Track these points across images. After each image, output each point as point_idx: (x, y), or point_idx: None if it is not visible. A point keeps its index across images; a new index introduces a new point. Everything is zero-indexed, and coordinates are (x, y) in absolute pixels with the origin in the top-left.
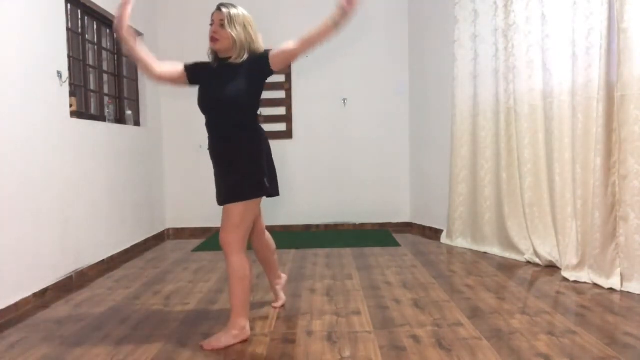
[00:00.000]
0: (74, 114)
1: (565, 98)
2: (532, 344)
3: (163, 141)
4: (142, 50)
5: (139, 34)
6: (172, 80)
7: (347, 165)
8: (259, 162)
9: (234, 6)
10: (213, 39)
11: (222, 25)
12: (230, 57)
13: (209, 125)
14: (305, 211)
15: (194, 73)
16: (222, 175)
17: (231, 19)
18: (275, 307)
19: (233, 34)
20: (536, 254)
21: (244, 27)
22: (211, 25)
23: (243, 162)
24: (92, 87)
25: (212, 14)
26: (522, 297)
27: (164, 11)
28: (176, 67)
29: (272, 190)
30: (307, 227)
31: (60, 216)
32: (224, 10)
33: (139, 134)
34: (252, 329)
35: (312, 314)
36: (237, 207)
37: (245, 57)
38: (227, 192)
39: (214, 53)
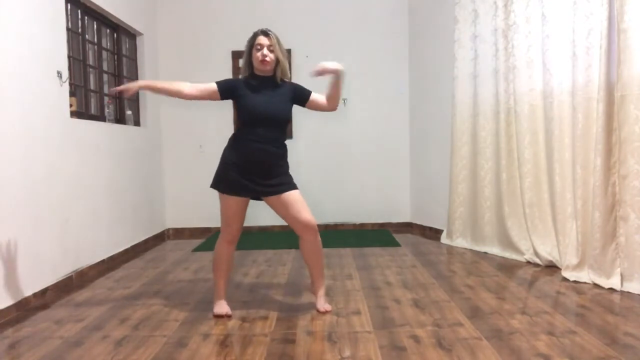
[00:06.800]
0: (74, 114)
1: (565, 98)
2: (532, 344)
3: (163, 141)
4: (160, 87)
5: (139, 34)
6: (203, 97)
7: (347, 165)
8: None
9: (273, 32)
10: (264, 62)
11: (272, 51)
12: (268, 76)
13: (254, 134)
14: None
15: (226, 89)
16: (273, 172)
17: (278, 44)
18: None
19: (280, 58)
20: (536, 254)
21: (284, 50)
22: (259, 49)
23: (287, 164)
24: (92, 87)
25: (257, 38)
26: (522, 297)
27: (163, 11)
28: (207, 86)
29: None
30: None
31: (60, 216)
32: (272, 35)
33: (139, 134)
34: (252, 329)
35: (312, 314)
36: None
37: (285, 78)
38: (290, 182)
39: (250, 71)
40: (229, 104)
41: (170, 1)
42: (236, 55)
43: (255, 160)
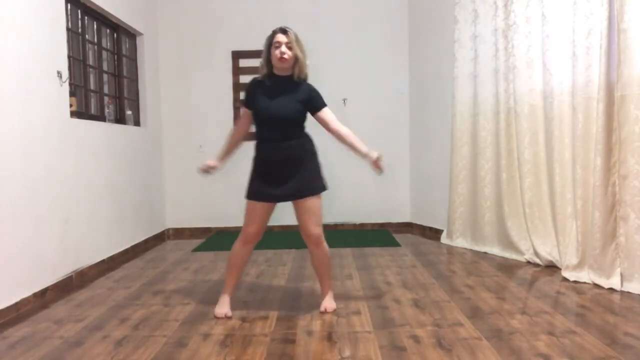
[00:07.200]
0: (74, 114)
1: (565, 98)
2: (532, 344)
3: (163, 141)
4: (223, 151)
5: (139, 34)
6: (247, 123)
7: (347, 165)
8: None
9: (292, 30)
10: (283, 60)
11: (290, 48)
12: (286, 75)
13: (266, 135)
14: None
15: (250, 102)
16: (289, 172)
17: (298, 41)
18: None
19: (299, 56)
20: (536, 254)
21: (303, 49)
22: (277, 47)
23: (313, 162)
24: (92, 87)
25: (275, 36)
26: (522, 297)
27: (163, 11)
28: (242, 115)
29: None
30: None
31: (60, 216)
32: (290, 33)
33: (139, 134)
34: (252, 329)
35: (312, 314)
36: (319, 200)
37: (302, 76)
38: (305, 187)
39: (269, 70)
40: (228, 104)
41: (170, 1)
42: (236, 55)
43: (268, 160)
